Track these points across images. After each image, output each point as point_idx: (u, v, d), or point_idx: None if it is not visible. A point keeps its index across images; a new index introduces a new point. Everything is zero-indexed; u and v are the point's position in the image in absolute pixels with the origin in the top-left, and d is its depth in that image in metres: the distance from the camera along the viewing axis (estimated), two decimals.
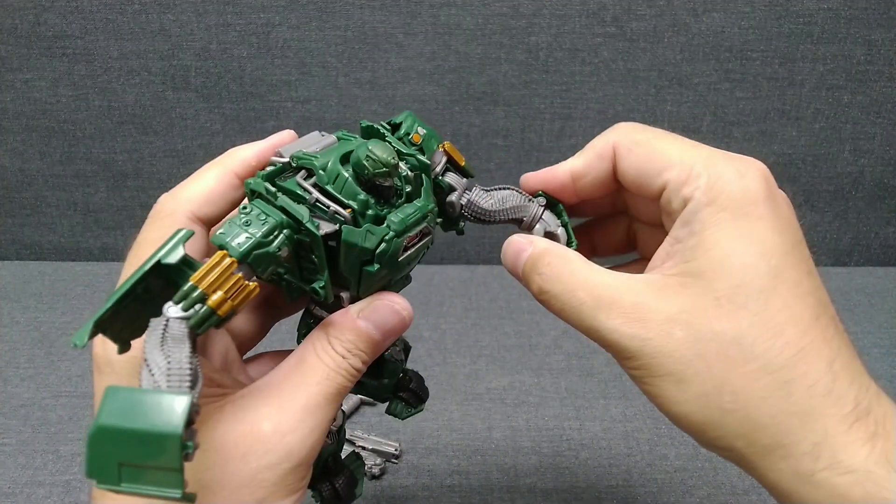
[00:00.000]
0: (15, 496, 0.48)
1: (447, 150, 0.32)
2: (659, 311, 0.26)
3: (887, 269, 0.78)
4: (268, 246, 0.24)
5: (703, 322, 0.25)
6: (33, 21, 0.67)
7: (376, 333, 0.27)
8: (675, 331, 0.25)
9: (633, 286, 0.27)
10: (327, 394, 0.26)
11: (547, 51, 0.68)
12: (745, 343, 0.25)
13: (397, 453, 0.51)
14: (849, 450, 0.24)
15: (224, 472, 0.24)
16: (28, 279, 0.74)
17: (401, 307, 0.28)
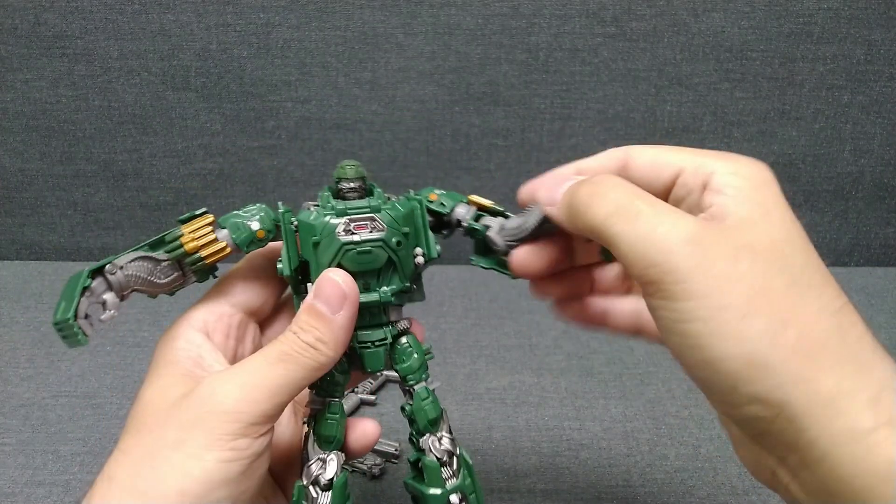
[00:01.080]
0: (15, 496, 0.48)
1: (472, 200, 0.35)
2: (721, 240, 0.25)
3: (887, 269, 0.78)
4: (243, 217, 0.32)
5: (768, 258, 0.25)
6: (33, 21, 0.67)
7: (319, 304, 0.29)
8: (741, 261, 0.25)
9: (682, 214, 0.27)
10: (268, 354, 0.29)
11: (547, 51, 0.68)
12: (804, 282, 0.25)
13: (397, 453, 0.51)
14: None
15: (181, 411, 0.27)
16: (28, 279, 0.74)
17: (334, 274, 0.30)
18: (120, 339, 0.65)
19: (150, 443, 0.27)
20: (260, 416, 0.27)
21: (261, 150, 0.73)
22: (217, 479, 0.26)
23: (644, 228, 0.26)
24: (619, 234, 0.26)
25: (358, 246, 0.31)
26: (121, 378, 0.60)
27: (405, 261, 0.32)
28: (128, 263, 0.31)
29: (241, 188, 0.75)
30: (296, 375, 0.29)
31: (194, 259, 0.31)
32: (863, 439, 0.23)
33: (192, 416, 0.27)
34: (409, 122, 0.71)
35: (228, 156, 0.73)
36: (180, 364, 0.30)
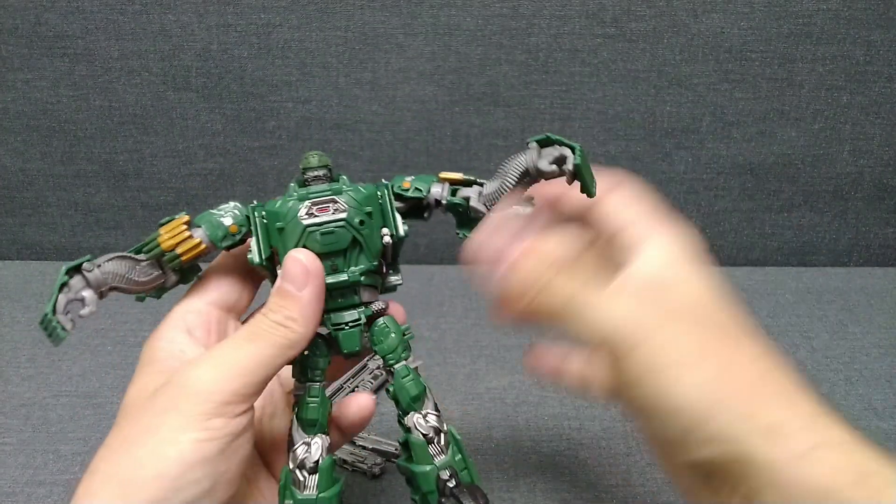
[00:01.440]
0: (15, 495, 0.48)
1: (443, 178, 0.36)
2: (656, 309, 0.29)
3: (887, 269, 0.79)
4: (216, 214, 0.34)
5: (698, 317, 0.29)
6: (34, 21, 0.67)
7: (285, 284, 0.31)
8: (677, 322, 0.29)
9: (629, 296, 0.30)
10: (238, 336, 0.30)
11: (547, 51, 0.68)
12: (733, 333, 0.30)
13: (397, 453, 0.51)
14: (831, 430, 0.27)
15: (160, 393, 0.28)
16: (29, 279, 0.74)
17: (297, 253, 0.31)
18: (121, 338, 0.65)
19: (128, 432, 0.28)
20: (232, 394, 0.28)
21: (261, 150, 0.73)
22: (192, 459, 0.26)
23: (592, 315, 0.30)
24: (573, 321, 0.30)
25: (321, 227, 0.32)
26: (121, 377, 0.60)
27: (370, 240, 0.33)
28: (105, 262, 0.32)
29: (242, 188, 0.75)
30: (267, 353, 0.29)
31: (171, 257, 0.33)
32: (802, 460, 0.26)
33: (167, 401, 0.28)
34: (410, 123, 0.72)
35: (229, 156, 0.74)
36: (162, 361, 0.31)
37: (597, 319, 0.29)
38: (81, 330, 0.68)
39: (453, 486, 0.33)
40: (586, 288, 0.30)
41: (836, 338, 0.66)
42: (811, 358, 0.63)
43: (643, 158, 0.74)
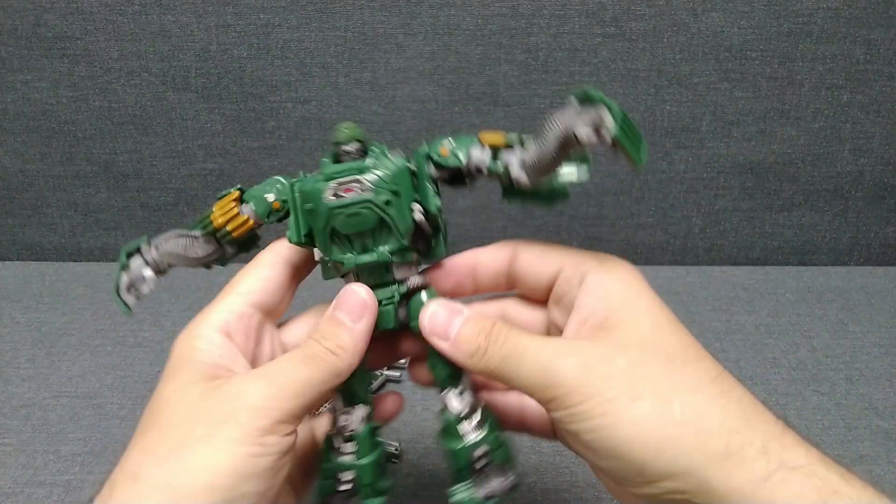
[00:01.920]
0: (15, 496, 0.48)
1: (484, 140, 0.34)
2: (596, 348, 0.29)
3: (887, 269, 0.78)
4: (261, 190, 0.34)
5: (640, 349, 0.29)
6: (34, 22, 0.67)
7: (340, 314, 0.32)
8: (616, 359, 0.28)
9: (565, 341, 0.31)
10: (293, 357, 0.30)
11: (546, 51, 0.68)
12: (678, 361, 0.29)
13: (397, 453, 0.51)
14: (790, 450, 0.26)
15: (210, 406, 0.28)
16: (29, 279, 0.74)
17: (357, 287, 0.32)
18: (121, 339, 0.65)
19: (178, 439, 0.27)
20: (287, 414, 0.28)
21: (261, 150, 0.73)
22: (245, 472, 0.27)
23: (532, 363, 0.29)
24: (514, 373, 0.30)
25: (345, 209, 0.31)
26: (121, 378, 0.60)
27: (398, 219, 0.32)
28: (163, 242, 0.35)
29: None
30: (318, 377, 0.30)
31: (224, 233, 0.34)
32: (763, 486, 0.25)
33: (222, 412, 0.27)
34: (409, 123, 0.72)
35: (229, 156, 0.74)
36: (201, 363, 0.30)
37: (538, 367, 0.29)
38: (81, 330, 0.68)
39: (483, 465, 0.33)
40: (528, 340, 0.30)
41: (836, 337, 0.66)
42: (811, 357, 0.63)
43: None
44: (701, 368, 0.28)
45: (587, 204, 0.76)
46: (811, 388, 0.59)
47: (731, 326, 0.67)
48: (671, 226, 0.78)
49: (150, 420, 0.29)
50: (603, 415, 0.27)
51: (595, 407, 0.27)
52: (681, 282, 0.75)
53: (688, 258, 0.80)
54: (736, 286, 0.75)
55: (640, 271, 0.32)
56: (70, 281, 0.74)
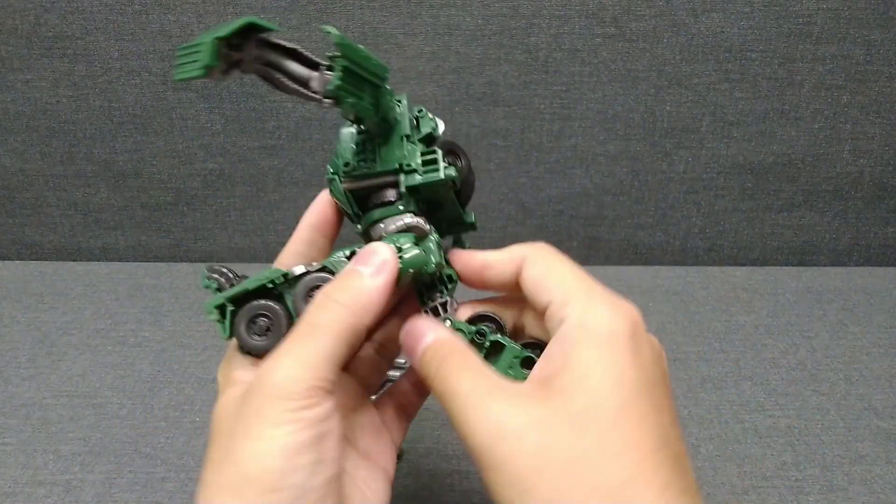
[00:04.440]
0: (15, 496, 0.48)
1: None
2: (517, 418, 0.27)
3: (887, 269, 0.79)
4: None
5: (554, 435, 0.26)
6: (34, 21, 0.67)
7: (359, 266, 0.31)
8: (527, 438, 0.26)
9: (502, 392, 0.29)
10: (298, 328, 0.30)
11: (546, 51, 0.68)
12: (585, 461, 0.26)
13: (397, 453, 0.51)
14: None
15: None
16: (28, 279, 0.74)
17: (379, 244, 0.32)
18: (121, 338, 0.65)
19: (226, 441, 0.29)
20: (310, 389, 0.29)
21: (261, 150, 0.73)
22: (292, 448, 0.28)
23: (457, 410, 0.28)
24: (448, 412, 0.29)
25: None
26: (121, 378, 0.60)
27: None
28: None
29: (242, 188, 0.75)
30: (333, 340, 0.29)
31: None
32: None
33: (255, 405, 0.28)
34: None
35: (229, 156, 0.74)
36: (241, 380, 0.31)
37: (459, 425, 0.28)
38: (81, 330, 0.68)
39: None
40: (463, 384, 0.29)
41: (836, 337, 0.66)
42: (811, 357, 0.63)
43: (643, 158, 0.74)
44: (609, 472, 0.26)
45: (587, 204, 0.76)
46: (811, 388, 0.59)
47: (731, 326, 0.67)
48: (671, 226, 0.78)
49: (210, 438, 0.30)
50: (500, 496, 0.26)
51: (497, 484, 0.27)
52: (681, 282, 0.75)
53: (688, 258, 0.80)
54: (736, 286, 0.75)
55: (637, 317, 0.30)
56: (70, 280, 0.74)
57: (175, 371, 0.60)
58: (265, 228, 0.78)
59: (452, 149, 0.35)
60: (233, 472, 0.28)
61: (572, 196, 0.75)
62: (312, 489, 0.28)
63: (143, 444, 0.53)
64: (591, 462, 0.26)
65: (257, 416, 0.28)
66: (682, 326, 0.67)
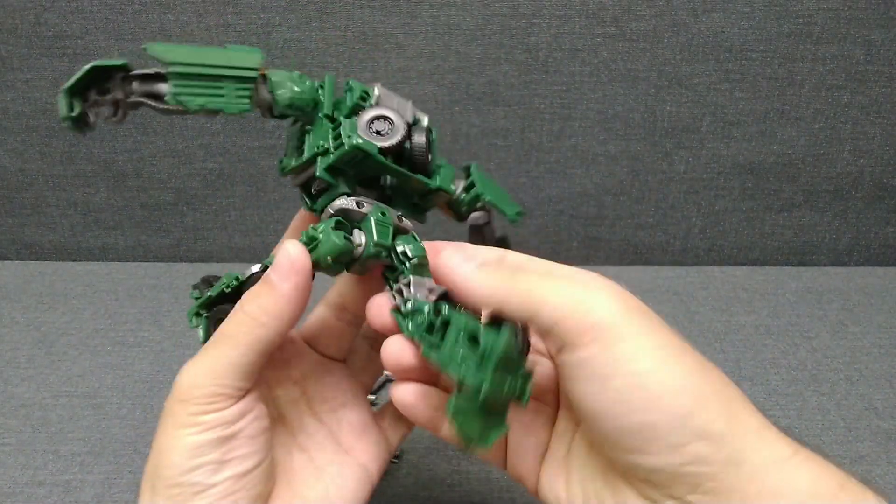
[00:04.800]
0: (15, 496, 0.48)
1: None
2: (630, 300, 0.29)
3: (887, 269, 0.78)
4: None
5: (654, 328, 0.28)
6: (33, 21, 0.67)
7: (270, 273, 0.31)
8: (653, 318, 0.29)
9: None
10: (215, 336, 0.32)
11: (547, 51, 0.68)
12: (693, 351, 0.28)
13: (397, 453, 0.51)
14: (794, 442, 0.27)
15: None
16: (28, 279, 0.74)
17: (289, 243, 0.31)
18: (120, 338, 0.65)
19: (153, 448, 0.31)
20: (211, 395, 0.30)
21: (261, 150, 0.73)
22: (193, 448, 0.30)
23: (566, 292, 0.28)
24: (547, 295, 0.28)
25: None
26: (121, 378, 0.60)
27: None
28: None
29: (242, 188, 0.75)
30: (234, 355, 0.30)
31: None
32: (786, 464, 0.25)
33: (167, 407, 0.31)
34: None
35: (228, 156, 0.73)
36: None
37: (578, 291, 0.27)
38: (81, 330, 0.68)
39: None
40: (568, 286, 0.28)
41: (836, 337, 0.66)
42: (811, 358, 0.63)
43: (643, 158, 0.74)
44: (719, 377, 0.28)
45: (587, 204, 0.76)
46: (811, 388, 0.59)
47: (731, 327, 0.67)
48: (671, 226, 0.78)
49: None
50: (644, 360, 0.26)
51: (639, 349, 0.26)
52: (681, 282, 0.75)
53: (688, 258, 0.80)
54: (736, 286, 0.75)
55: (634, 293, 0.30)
56: (70, 281, 0.74)
57: (175, 371, 0.60)
58: (265, 228, 0.78)
59: (383, 115, 0.33)
60: (150, 465, 0.31)
61: (572, 196, 0.75)
62: (215, 486, 0.30)
63: (143, 444, 0.53)
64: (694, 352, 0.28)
65: (168, 416, 0.31)
66: (682, 326, 0.67)
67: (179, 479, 0.30)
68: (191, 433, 0.30)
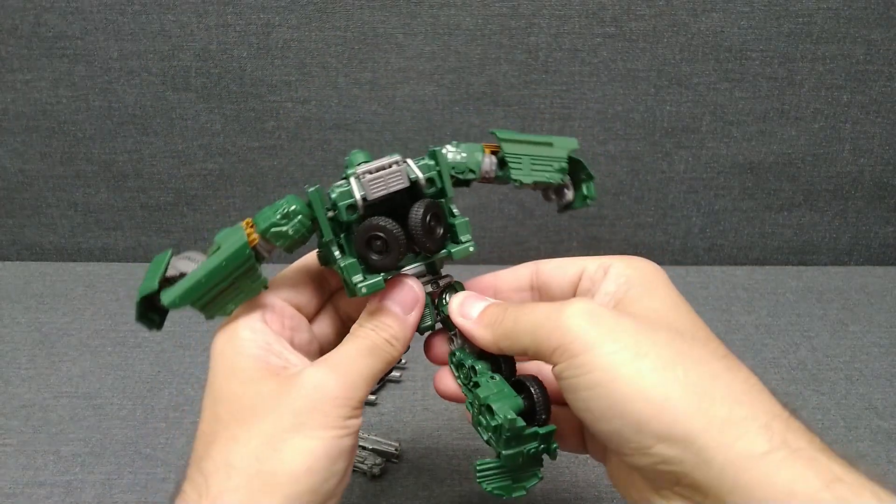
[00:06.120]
0: (16, 496, 0.48)
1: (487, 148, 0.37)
2: (607, 311, 0.29)
3: (887, 269, 0.78)
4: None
5: (650, 320, 0.30)
6: (34, 22, 0.67)
7: (394, 307, 0.34)
8: (623, 320, 0.29)
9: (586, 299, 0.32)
10: (359, 347, 0.33)
11: (547, 51, 0.68)
12: (687, 336, 0.29)
13: (397, 453, 0.51)
14: (793, 433, 0.26)
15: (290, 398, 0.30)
16: (29, 280, 0.74)
17: (410, 279, 0.35)
18: (121, 339, 0.65)
19: (268, 430, 0.29)
20: (359, 399, 0.31)
21: (261, 150, 0.73)
22: (336, 452, 0.29)
23: (540, 312, 0.30)
24: (524, 327, 0.31)
25: None
26: (122, 379, 0.60)
27: None
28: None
29: (241, 188, 0.75)
30: (380, 367, 0.33)
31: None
32: (762, 461, 0.24)
33: (306, 402, 0.30)
34: (409, 123, 0.72)
35: (228, 156, 0.74)
36: (254, 354, 0.32)
37: (550, 314, 0.30)
38: (81, 330, 0.68)
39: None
40: (545, 307, 0.31)
41: (836, 337, 0.66)
42: (811, 357, 0.63)
43: (643, 158, 0.74)
44: (710, 346, 0.29)
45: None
46: (811, 388, 0.59)
47: (731, 326, 0.67)
48: (671, 226, 0.78)
49: (227, 414, 0.30)
50: (603, 368, 0.27)
51: (595, 359, 0.27)
52: (681, 282, 0.75)
53: (688, 258, 0.80)
54: (736, 286, 0.75)
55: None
56: (70, 281, 0.74)
57: (175, 371, 0.61)
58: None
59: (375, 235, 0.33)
60: (273, 464, 0.28)
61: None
62: (334, 496, 0.30)
63: (144, 444, 0.53)
64: (694, 336, 0.30)
65: (310, 414, 0.29)
66: None
67: (318, 485, 0.28)
68: (337, 436, 0.29)
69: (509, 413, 0.31)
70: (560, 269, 0.36)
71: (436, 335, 0.37)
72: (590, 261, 0.35)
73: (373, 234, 0.31)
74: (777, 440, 0.25)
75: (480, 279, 0.38)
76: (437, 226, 0.33)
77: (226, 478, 0.28)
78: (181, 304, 0.31)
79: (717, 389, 0.26)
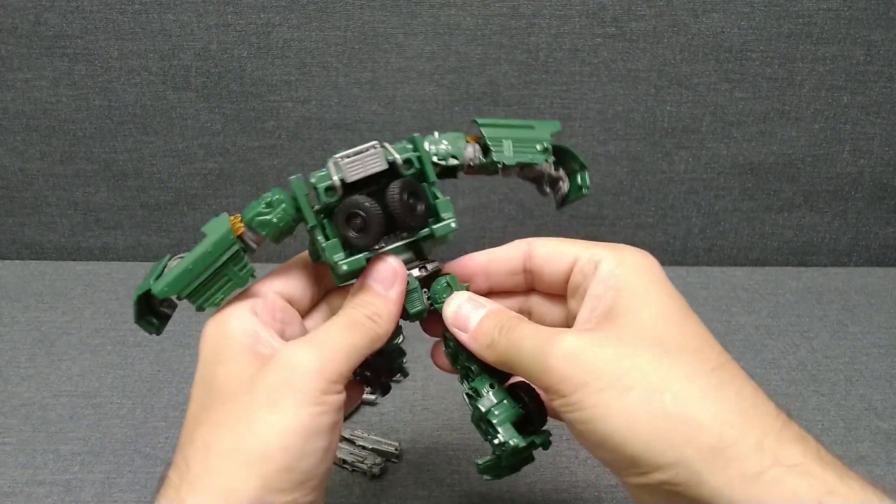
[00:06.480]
0: (15, 495, 0.48)
1: (470, 138, 0.36)
2: (589, 338, 0.29)
3: (887, 269, 0.78)
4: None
5: (636, 337, 0.29)
6: (34, 21, 0.67)
7: (375, 284, 0.33)
8: (606, 346, 0.28)
9: (566, 331, 0.31)
10: (338, 322, 0.32)
11: (547, 51, 0.68)
12: (675, 351, 0.28)
13: (397, 453, 0.51)
14: (786, 447, 0.26)
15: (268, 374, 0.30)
16: (28, 279, 0.74)
17: (387, 256, 0.34)
18: (120, 338, 0.65)
19: (242, 409, 0.29)
20: (337, 374, 0.30)
21: (261, 149, 0.73)
22: (312, 430, 0.29)
23: (529, 351, 0.30)
24: (516, 361, 0.31)
25: None
26: (121, 377, 0.60)
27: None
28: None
29: (241, 188, 0.75)
30: (361, 342, 0.32)
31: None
32: (754, 483, 0.25)
33: (280, 379, 0.29)
34: (409, 122, 0.72)
35: (228, 156, 0.74)
36: (242, 341, 0.31)
37: (538, 356, 0.30)
38: (81, 330, 0.68)
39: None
40: (528, 329, 0.31)
41: (836, 338, 0.66)
42: (811, 358, 0.63)
43: (643, 158, 0.74)
44: (700, 359, 0.28)
45: (587, 204, 0.76)
46: (811, 388, 0.59)
47: (731, 327, 0.67)
48: (671, 226, 0.78)
49: (210, 399, 0.30)
50: (593, 406, 0.27)
51: (585, 398, 0.28)
52: (681, 282, 0.75)
53: (688, 258, 0.80)
54: (736, 286, 0.75)
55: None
56: (70, 280, 0.74)
57: (175, 371, 0.61)
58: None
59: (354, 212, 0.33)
60: (249, 443, 0.28)
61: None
62: (314, 478, 0.29)
63: (143, 443, 0.53)
64: (680, 353, 0.28)
65: (282, 390, 0.29)
66: None
67: (294, 463, 0.28)
68: (314, 413, 0.29)
69: (514, 437, 0.32)
70: (552, 258, 0.35)
71: (440, 344, 0.37)
72: (582, 250, 0.34)
73: (351, 212, 0.32)
74: (768, 460, 0.25)
75: (472, 257, 0.37)
76: (416, 203, 0.33)
77: (204, 459, 0.28)
78: (170, 291, 0.31)
79: (706, 413, 0.26)
